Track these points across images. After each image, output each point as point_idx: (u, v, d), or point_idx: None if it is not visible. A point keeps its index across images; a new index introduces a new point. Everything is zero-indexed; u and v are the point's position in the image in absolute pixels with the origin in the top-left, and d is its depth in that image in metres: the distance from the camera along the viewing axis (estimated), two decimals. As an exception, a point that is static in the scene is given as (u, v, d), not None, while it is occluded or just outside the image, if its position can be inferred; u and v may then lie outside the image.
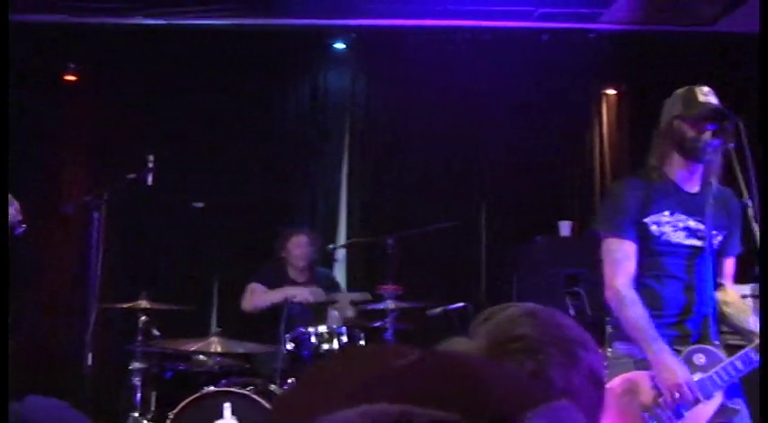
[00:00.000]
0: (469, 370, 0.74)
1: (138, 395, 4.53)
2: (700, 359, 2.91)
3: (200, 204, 6.08)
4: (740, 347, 2.93)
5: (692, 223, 3.02)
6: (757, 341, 2.86)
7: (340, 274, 6.37)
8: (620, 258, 2.99)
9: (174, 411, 4.32)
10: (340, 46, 6.53)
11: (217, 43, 6.36)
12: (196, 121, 6.33)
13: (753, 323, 2.98)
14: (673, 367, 2.82)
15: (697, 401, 2.83)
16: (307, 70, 6.52)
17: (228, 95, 6.37)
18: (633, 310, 2.91)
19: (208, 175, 6.29)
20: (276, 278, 5.58)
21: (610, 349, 3.06)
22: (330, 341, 4.82)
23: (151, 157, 4.99)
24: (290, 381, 4.63)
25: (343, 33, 6.46)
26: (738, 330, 3.10)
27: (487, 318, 1.26)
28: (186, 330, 4.83)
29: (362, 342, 4.92)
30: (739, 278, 3.19)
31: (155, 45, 6.29)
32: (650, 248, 3.01)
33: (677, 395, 2.81)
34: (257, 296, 5.51)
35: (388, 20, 6.36)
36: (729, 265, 3.15)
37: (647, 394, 2.87)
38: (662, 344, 2.86)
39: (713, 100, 3.01)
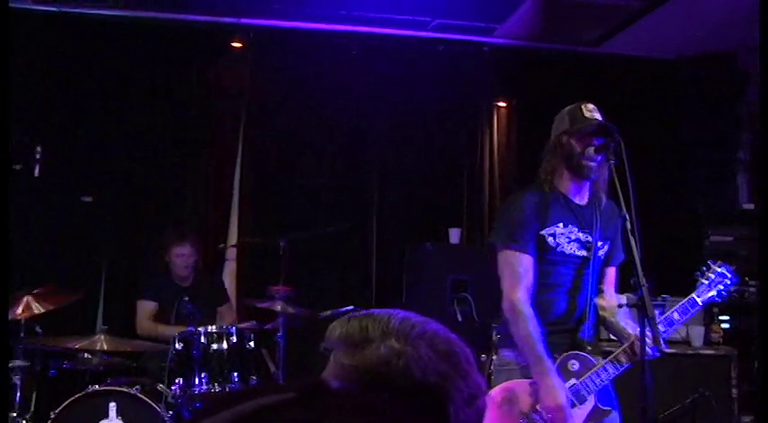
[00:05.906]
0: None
1: (18, 394, 4.40)
2: (574, 366, 3.07)
3: (89, 198, 5.95)
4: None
5: (581, 235, 3.18)
6: (628, 343, 3.05)
7: (230, 273, 6.34)
8: (521, 272, 3.09)
9: (57, 411, 4.23)
10: (237, 44, 6.45)
11: (110, 34, 6.17)
12: (87, 112, 6.14)
13: (627, 326, 3.17)
14: (555, 390, 2.95)
15: (573, 405, 3.00)
16: (203, 68, 6.42)
17: (122, 89, 6.20)
18: (527, 326, 3.01)
19: (98, 169, 6.12)
20: (163, 290, 5.50)
21: (495, 356, 3.20)
22: (220, 341, 4.79)
23: (39, 148, 4.85)
24: (177, 380, 4.59)
25: (241, 32, 6.40)
26: (613, 331, 3.30)
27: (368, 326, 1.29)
28: (72, 328, 4.71)
29: (252, 343, 4.92)
30: (621, 288, 3.38)
31: (46, 33, 6.07)
32: (545, 259, 3.14)
33: (556, 416, 2.94)
34: (152, 326, 5.40)
35: (287, 21, 6.37)
36: (611, 273, 3.33)
37: (525, 402, 3.00)
38: (547, 363, 2.98)
39: (598, 116, 3.19)
